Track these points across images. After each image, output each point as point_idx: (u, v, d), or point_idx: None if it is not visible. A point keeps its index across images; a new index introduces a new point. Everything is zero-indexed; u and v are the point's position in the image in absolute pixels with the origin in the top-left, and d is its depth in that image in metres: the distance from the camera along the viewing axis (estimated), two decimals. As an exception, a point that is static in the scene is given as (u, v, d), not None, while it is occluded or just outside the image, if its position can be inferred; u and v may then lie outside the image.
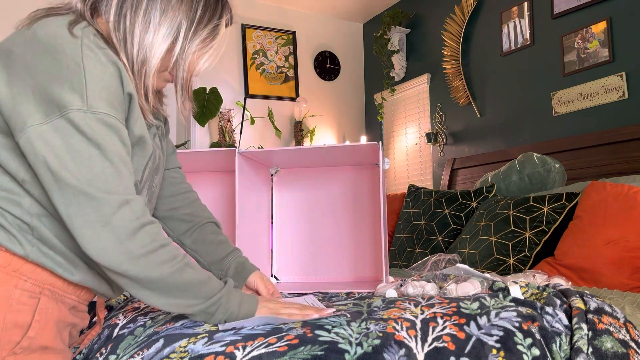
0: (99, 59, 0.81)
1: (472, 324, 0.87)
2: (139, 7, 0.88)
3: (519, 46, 3.05)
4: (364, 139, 4.31)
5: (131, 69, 0.88)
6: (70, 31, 0.81)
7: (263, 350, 0.77)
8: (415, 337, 0.83)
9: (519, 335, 0.86)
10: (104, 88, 0.81)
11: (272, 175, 1.79)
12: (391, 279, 1.42)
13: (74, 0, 0.90)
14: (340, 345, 0.78)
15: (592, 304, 0.98)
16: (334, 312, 0.95)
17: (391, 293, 1.14)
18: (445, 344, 0.82)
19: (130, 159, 0.90)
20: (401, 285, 1.24)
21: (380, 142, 1.44)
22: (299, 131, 4.17)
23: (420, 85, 3.88)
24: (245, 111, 3.99)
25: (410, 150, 4.01)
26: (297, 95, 4.24)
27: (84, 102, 0.78)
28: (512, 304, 0.95)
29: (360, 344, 0.79)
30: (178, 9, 0.90)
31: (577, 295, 1.01)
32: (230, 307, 0.91)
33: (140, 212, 0.83)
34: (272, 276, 1.75)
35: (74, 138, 0.78)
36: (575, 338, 0.90)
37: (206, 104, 3.71)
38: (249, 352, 0.77)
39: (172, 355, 0.80)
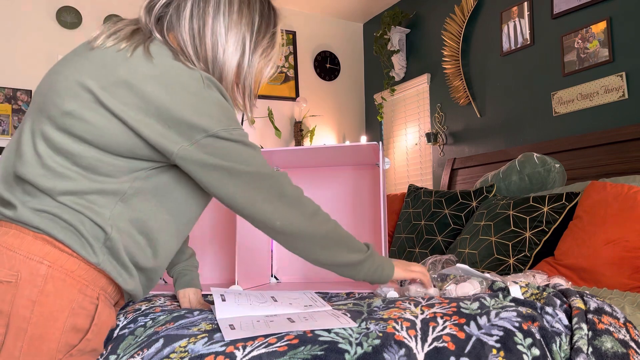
0: (212, 87, 0.89)
1: (472, 324, 0.87)
2: (205, 25, 0.93)
3: (519, 46, 3.05)
4: (364, 139, 4.31)
5: None
6: (185, 65, 0.88)
7: (263, 350, 0.77)
8: (415, 337, 0.83)
9: (519, 335, 0.86)
10: (225, 109, 0.89)
11: (272, 175, 1.78)
12: (391, 279, 1.42)
13: (143, 17, 0.94)
14: (340, 345, 0.78)
15: (592, 304, 0.98)
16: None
17: (391, 293, 1.14)
18: (445, 344, 0.82)
19: None
20: (401, 285, 1.24)
21: (380, 142, 1.44)
22: (299, 131, 4.17)
23: (420, 85, 3.88)
24: (245, 111, 3.99)
25: (410, 150, 4.01)
26: (297, 95, 4.24)
27: (221, 124, 0.88)
28: (512, 304, 0.95)
29: (360, 344, 0.79)
30: (239, 24, 0.96)
31: (577, 295, 1.01)
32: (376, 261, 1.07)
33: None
34: (272, 276, 1.75)
35: (231, 145, 0.89)
36: (575, 338, 0.90)
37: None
38: (249, 352, 0.77)
39: (172, 355, 0.80)
